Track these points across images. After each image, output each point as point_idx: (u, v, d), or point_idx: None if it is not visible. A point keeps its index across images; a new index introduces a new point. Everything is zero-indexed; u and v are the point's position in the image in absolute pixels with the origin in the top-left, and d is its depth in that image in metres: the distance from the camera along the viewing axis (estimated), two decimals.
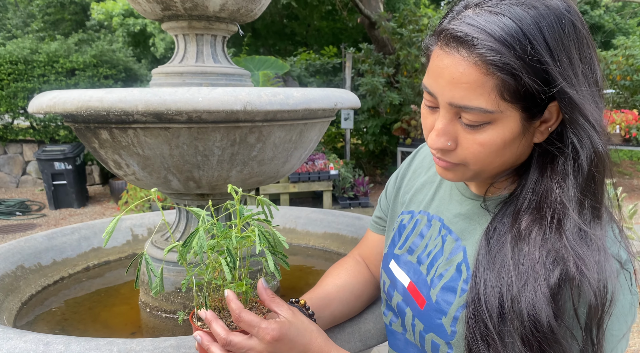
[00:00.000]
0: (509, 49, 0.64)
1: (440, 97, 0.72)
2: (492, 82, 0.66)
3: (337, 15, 11.58)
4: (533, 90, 0.66)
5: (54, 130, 7.46)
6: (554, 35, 0.65)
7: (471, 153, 0.73)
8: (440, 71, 0.71)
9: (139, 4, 1.44)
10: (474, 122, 0.70)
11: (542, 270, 0.67)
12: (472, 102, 0.68)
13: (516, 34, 0.64)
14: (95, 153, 1.38)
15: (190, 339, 1.00)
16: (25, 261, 1.66)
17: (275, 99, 1.17)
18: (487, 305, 0.69)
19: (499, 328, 0.68)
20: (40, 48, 7.31)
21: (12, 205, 6.42)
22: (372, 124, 7.70)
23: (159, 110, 1.11)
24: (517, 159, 0.76)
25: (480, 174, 0.78)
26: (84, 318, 1.50)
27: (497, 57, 0.64)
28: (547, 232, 0.69)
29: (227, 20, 1.50)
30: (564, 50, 0.66)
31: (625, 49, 8.77)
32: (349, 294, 1.07)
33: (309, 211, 2.14)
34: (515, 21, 0.65)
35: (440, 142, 0.74)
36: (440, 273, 0.83)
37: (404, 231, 0.96)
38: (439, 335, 0.80)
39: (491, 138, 0.70)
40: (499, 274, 0.70)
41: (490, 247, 0.73)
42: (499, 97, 0.67)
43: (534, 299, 0.66)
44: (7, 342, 1.00)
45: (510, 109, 0.68)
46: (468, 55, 0.67)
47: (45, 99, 1.21)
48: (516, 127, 0.70)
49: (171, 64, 1.51)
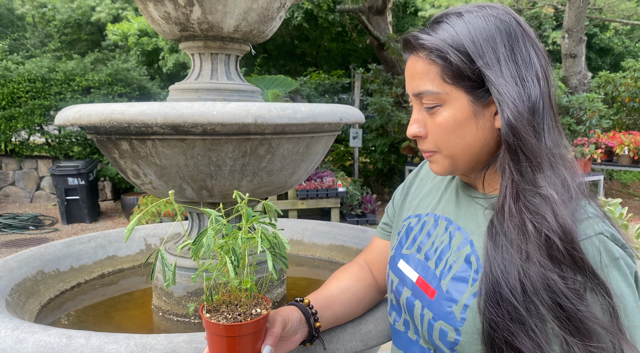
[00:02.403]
0: (441, 40, 0.84)
1: (409, 92, 0.91)
2: (435, 69, 0.85)
3: (347, 36, 11.79)
4: (465, 71, 0.82)
5: (68, 146, 7.63)
6: (478, 30, 0.83)
7: (435, 135, 0.88)
8: (406, 73, 0.92)
9: (158, 25, 1.55)
10: (428, 104, 0.87)
11: (527, 241, 0.77)
12: (424, 87, 0.87)
13: (447, 30, 0.85)
14: (115, 163, 1.47)
15: (201, 335, 1.07)
16: (45, 266, 1.75)
17: (284, 113, 1.26)
18: (508, 285, 0.77)
19: (524, 303, 0.76)
20: (58, 67, 7.54)
21: (26, 220, 6.55)
22: (380, 143, 7.80)
23: (177, 122, 1.20)
24: (484, 144, 0.87)
25: (457, 162, 0.90)
26: (99, 320, 1.57)
27: (433, 44, 0.84)
28: (513, 207, 0.80)
29: (240, 41, 1.60)
30: (488, 40, 0.83)
31: (634, 71, 8.84)
32: (352, 296, 1.14)
33: (315, 223, 2.21)
34: (448, 23, 0.86)
35: (413, 129, 0.91)
36: (449, 265, 0.90)
37: (411, 232, 1.04)
38: (448, 322, 0.85)
39: (445, 118, 0.86)
40: (508, 258, 0.79)
41: (495, 238, 0.82)
42: (442, 80, 0.85)
43: (535, 269, 0.75)
44: (33, 335, 1.07)
45: (454, 91, 0.85)
46: (418, 53, 0.88)
47: (71, 112, 1.31)
48: (465, 107, 0.85)
49: (187, 80, 1.61)
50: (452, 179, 1.04)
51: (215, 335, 0.87)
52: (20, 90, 7.16)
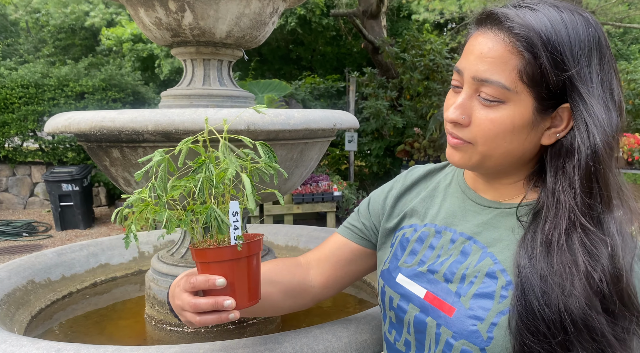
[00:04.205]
0: (535, 32, 0.73)
1: (467, 72, 0.79)
2: (514, 61, 0.74)
3: (342, 40, 11.80)
4: (549, 77, 0.74)
5: (62, 152, 7.58)
6: (578, 36, 0.74)
7: (481, 129, 0.79)
8: (472, 48, 0.79)
9: (150, 31, 1.53)
10: (490, 96, 0.77)
11: (572, 277, 0.72)
12: (494, 76, 0.76)
13: (544, 23, 0.74)
14: (106, 171, 1.45)
15: (194, 346, 1.05)
16: (36, 276, 1.72)
17: (277, 119, 1.24)
18: (543, 317, 0.72)
19: (562, 340, 0.71)
20: (51, 72, 7.50)
21: (19, 227, 6.49)
22: (375, 146, 7.79)
23: (168, 129, 1.18)
24: (522, 155, 0.81)
25: (485, 160, 0.82)
26: (91, 331, 1.55)
27: (524, 33, 0.73)
28: (565, 239, 0.74)
29: (232, 46, 1.58)
30: (585, 51, 0.74)
31: (627, 73, 8.89)
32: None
33: (310, 229, 2.19)
34: (545, 15, 0.74)
35: (456, 114, 0.80)
36: (470, 281, 0.83)
37: (408, 244, 0.96)
38: (472, 341, 0.79)
39: (502, 117, 0.77)
40: (546, 285, 0.73)
41: (529, 258, 0.76)
42: (518, 77, 0.75)
43: (577, 305, 0.71)
44: (21, 349, 1.05)
45: (525, 93, 0.75)
46: (498, 32, 0.76)
47: (61, 120, 1.29)
48: (527, 114, 0.77)
49: (179, 87, 1.59)
50: (449, 185, 0.98)
51: (214, 262, 0.84)
52: (13, 96, 7.11)
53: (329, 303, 1.83)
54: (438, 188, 1.00)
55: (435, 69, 7.40)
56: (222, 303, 0.83)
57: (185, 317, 0.87)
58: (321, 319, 1.62)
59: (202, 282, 0.83)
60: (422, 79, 7.45)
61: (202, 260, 0.85)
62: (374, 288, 1.89)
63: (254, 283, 0.88)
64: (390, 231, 1.04)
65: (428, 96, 7.43)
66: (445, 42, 7.87)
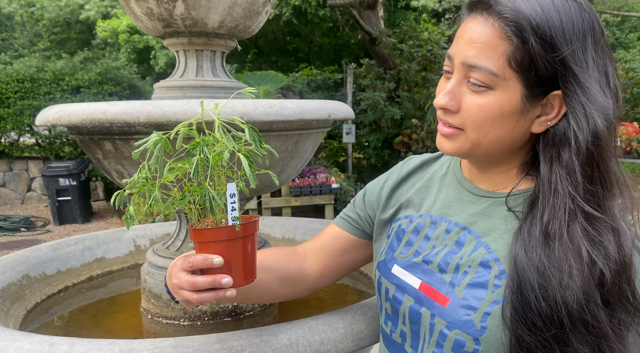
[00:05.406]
0: (524, 17, 0.72)
1: (457, 58, 0.79)
2: (503, 47, 0.73)
3: (339, 32, 11.74)
4: (538, 63, 0.72)
5: (59, 146, 7.56)
6: (571, 21, 0.72)
7: (470, 115, 0.78)
8: (462, 34, 0.79)
9: (141, 22, 1.51)
10: (479, 82, 0.76)
11: (571, 268, 0.70)
12: (482, 62, 0.75)
13: (534, 8, 0.72)
14: (99, 164, 1.43)
15: (188, 339, 1.04)
16: (31, 270, 1.71)
17: (270, 110, 1.23)
18: (539, 311, 0.71)
19: (557, 333, 0.71)
20: (47, 66, 7.45)
21: (17, 222, 6.48)
22: (373, 138, 7.78)
23: (160, 121, 1.17)
24: (512, 143, 0.80)
25: (476, 150, 0.81)
26: (87, 325, 1.54)
27: (514, 16, 0.72)
28: (565, 229, 0.72)
29: (225, 37, 1.57)
30: (579, 35, 0.72)
31: (625, 62, 8.87)
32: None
33: (307, 221, 2.18)
34: (537, 0, 0.73)
35: (445, 100, 0.80)
36: (464, 271, 0.82)
37: (403, 235, 0.96)
38: (466, 331, 0.78)
39: (490, 103, 0.76)
40: (543, 278, 0.72)
41: (526, 250, 0.75)
42: (506, 63, 0.74)
43: (574, 298, 0.69)
44: (14, 343, 1.04)
45: (514, 79, 0.74)
46: (488, 16, 0.75)
47: (51, 112, 1.27)
48: (516, 101, 0.75)
49: (172, 78, 1.57)
50: (444, 176, 0.97)
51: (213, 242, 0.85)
52: (9, 90, 7.07)
53: (327, 295, 1.82)
54: (434, 179, 0.99)
55: (432, 60, 7.37)
56: (219, 281, 0.83)
57: (182, 296, 0.87)
58: (319, 311, 1.61)
59: (200, 261, 0.84)
60: (420, 69, 7.41)
61: (200, 239, 0.86)
62: (372, 280, 1.89)
63: (250, 263, 0.89)
64: (386, 222, 1.03)
65: (426, 87, 7.40)
66: (443, 32, 7.83)
